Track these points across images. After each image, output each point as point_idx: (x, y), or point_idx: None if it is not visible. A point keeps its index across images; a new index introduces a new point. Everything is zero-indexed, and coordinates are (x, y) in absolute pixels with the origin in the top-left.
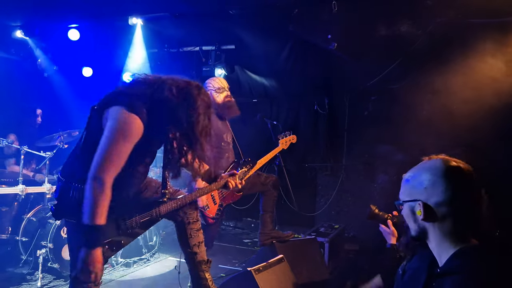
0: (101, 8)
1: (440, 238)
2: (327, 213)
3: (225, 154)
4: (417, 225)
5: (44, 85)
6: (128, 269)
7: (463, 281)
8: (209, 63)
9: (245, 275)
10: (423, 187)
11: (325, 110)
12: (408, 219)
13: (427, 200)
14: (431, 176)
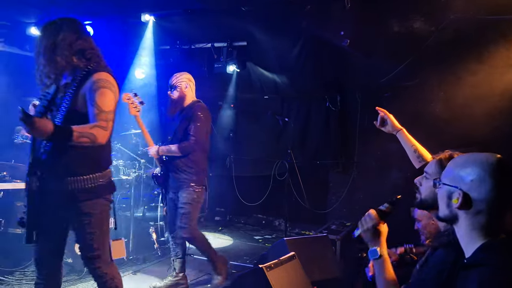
0: (114, 5)
1: (470, 228)
2: (338, 210)
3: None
4: (449, 210)
5: None
6: (140, 264)
7: (490, 274)
8: (221, 60)
9: (257, 272)
10: (469, 179)
11: (337, 107)
12: (441, 200)
13: (469, 191)
14: (481, 171)
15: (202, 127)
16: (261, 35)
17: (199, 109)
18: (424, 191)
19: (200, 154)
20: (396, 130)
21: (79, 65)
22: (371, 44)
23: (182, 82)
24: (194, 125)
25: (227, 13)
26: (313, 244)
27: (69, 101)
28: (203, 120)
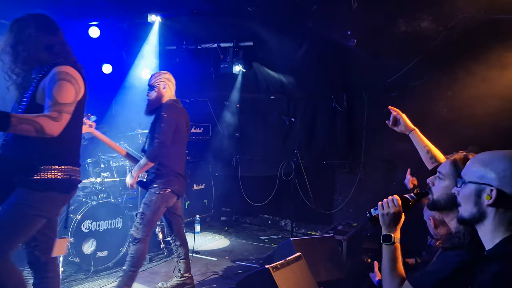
0: (121, 6)
1: (498, 224)
2: (345, 211)
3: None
4: (477, 208)
5: None
6: (147, 264)
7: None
8: (227, 60)
9: (263, 272)
10: (500, 175)
11: (344, 107)
12: (466, 199)
13: (501, 187)
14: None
15: (167, 127)
16: (268, 35)
17: (164, 108)
18: (436, 191)
19: (167, 155)
20: (409, 130)
21: (47, 61)
22: (378, 43)
23: (161, 82)
24: (158, 127)
25: (233, 14)
26: (320, 244)
27: (30, 95)
28: (166, 120)
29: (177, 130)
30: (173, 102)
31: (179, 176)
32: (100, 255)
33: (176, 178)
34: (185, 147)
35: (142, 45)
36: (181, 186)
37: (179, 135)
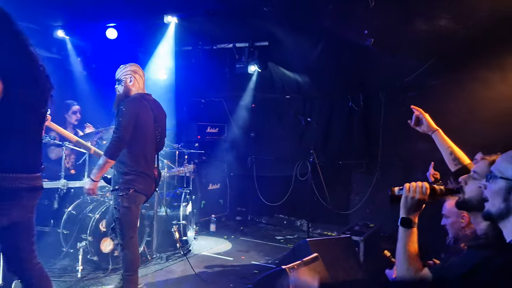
0: (138, 7)
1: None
2: (362, 211)
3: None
4: (506, 204)
5: (83, 83)
6: (163, 263)
7: None
8: (242, 60)
9: (280, 273)
10: None
11: (360, 106)
12: (494, 195)
13: None
14: None
15: (125, 122)
16: (283, 35)
17: (124, 103)
18: (469, 191)
19: (129, 153)
20: (431, 131)
21: None
22: (395, 42)
23: (127, 75)
24: (116, 121)
25: (249, 14)
26: (336, 245)
27: None
28: (124, 114)
29: (140, 126)
30: (139, 96)
31: (143, 175)
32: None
33: (140, 177)
34: (153, 145)
35: (158, 46)
36: (147, 186)
37: (142, 131)
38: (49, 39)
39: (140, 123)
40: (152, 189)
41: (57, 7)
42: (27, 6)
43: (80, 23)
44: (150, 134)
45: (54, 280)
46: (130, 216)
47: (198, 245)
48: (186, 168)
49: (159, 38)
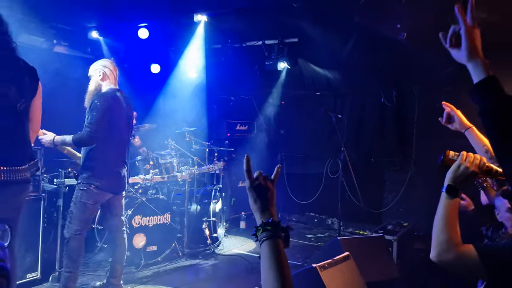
0: (169, 7)
1: None
2: (395, 210)
3: None
4: None
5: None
6: (194, 260)
7: None
8: (272, 57)
9: (310, 271)
10: None
11: (393, 102)
12: None
13: None
14: None
15: (100, 117)
16: (313, 31)
17: (97, 97)
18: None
19: (100, 148)
20: (464, 128)
21: None
22: (430, 36)
23: (96, 71)
24: (90, 115)
25: (278, 10)
26: (369, 244)
27: None
28: (99, 109)
29: (113, 122)
30: (112, 91)
31: (110, 172)
32: (150, 250)
33: (106, 173)
34: (125, 141)
35: (189, 45)
36: (112, 182)
37: (114, 127)
38: (84, 40)
39: (114, 119)
40: (121, 186)
41: (92, 9)
42: (64, 9)
43: (114, 24)
44: (122, 130)
45: (89, 274)
46: (85, 213)
47: (228, 242)
48: (216, 166)
49: (189, 37)
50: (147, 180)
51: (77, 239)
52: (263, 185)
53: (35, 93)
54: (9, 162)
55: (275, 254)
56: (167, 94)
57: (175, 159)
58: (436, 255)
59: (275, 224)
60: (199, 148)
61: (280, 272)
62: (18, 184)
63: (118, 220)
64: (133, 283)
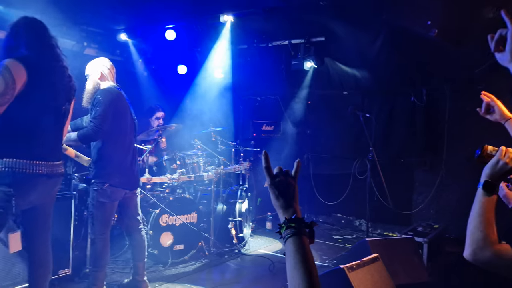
0: (196, 8)
1: None
2: (425, 211)
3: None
4: None
5: (144, 84)
6: (220, 259)
7: None
8: (298, 56)
9: (337, 272)
10: None
11: (423, 101)
12: None
13: None
14: None
15: (104, 111)
16: (340, 29)
17: (99, 92)
18: None
19: (107, 143)
20: (505, 119)
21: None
22: (462, 32)
23: (93, 70)
24: (94, 110)
25: (304, 9)
26: (398, 246)
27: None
28: (102, 103)
29: (117, 117)
30: (113, 87)
31: (122, 168)
32: (176, 248)
33: (118, 170)
34: (131, 136)
35: (215, 46)
36: (125, 179)
37: (119, 122)
38: (113, 42)
39: (118, 114)
40: (135, 182)
41: (121, 11)
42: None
43: (141, 26)
44: (128, 125)
45: (117, 272)
46: (105, 213)
47: (254, 242)
48: (242, 166)
49: (215, 38)
50: (174, 179)
51: (102, 239)
52: (284, 181)
53: (71, 102)
54: (51, 157)
55: (300, 251)
56: (194, 94)
57: (202, 159)
58: (471, 253)
59: (299, 220)
60: (225, 148)
61: (306, 269)
62: (54, 177)
63: (134, 220)
64: (161, 281)
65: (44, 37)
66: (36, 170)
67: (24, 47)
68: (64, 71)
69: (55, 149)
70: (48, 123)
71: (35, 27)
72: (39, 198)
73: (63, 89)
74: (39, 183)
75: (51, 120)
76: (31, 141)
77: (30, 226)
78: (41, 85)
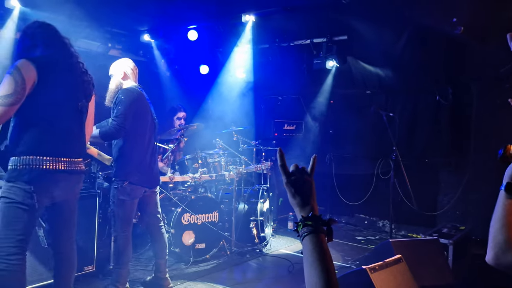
0: (217, 8)
1: None
2: (451, 213)
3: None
4: None
5: (167, 84)
6: (241, 258)
7: None
8: (320, 55)
9: (360, 273)
10: None
11: (449, 100)
12: None
13: None
14: None
15: (126, 110)
16: (363, 27)
17: (121, 91)
18: None
19: (128, 142)
20: None
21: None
22: (489, 29)
23: (116, 70)
24: (116, 108)
25: (326, 7)
26: (422, 247)
27: None
28: (124, 102)
29: (138, 116)
30: (135, 86)
31: (142, 166)
32: (198, 247)
33: (137, 168)
34: (151, 135)
35: (236, 45)
36: (145, 177)
37: (140, 121)
38: (136, 43)
39: (139, 113)
40: (155, 180)
41: (144, 12)
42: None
43: (164, 27)
44: (149, 125)
45: (140, 269)
46: (126, 211)
47: (276, 242)
48: (263, 165)
49: (237, 38)
50: (196, 178)
51: (124, 237)
52: (300, 179)
53: (90, 98)
54: (69, 154)
55: (317, 249)
56: (216, 94)
57: (223, 158)
58: (494, 257)
59: (316, 218)
60: (247, 147)
61: (323, 267)
62: (75, 174)
63: (154, 218)
64: (182, 279)
65: (58, 36)
66: (54, 166)
67: (42, 46)
68: (80, 67)
69: (73, 146)
70: (63, 120)
71: (49, 28)
72: (61, 195)
73: (78, 85)
74: (59, 180)
75: (67, 117)
76: (46, 138)
77: (54, 223)
78: (54, 83)
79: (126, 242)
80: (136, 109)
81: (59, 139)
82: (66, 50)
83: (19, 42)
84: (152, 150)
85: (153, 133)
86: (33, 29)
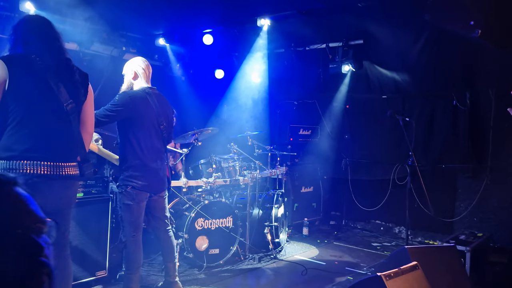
0: (233, 12)
1: None
2: (468, 219)
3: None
4: None
5: (183, 88)
6: (256, 264)
7: None
8: (336, 60)
9: (374, 280)
10: None
11: (466, 105)
12: None
13: None
14: None
15: (111, 108)
16: (379, 31)
17: (121, 93)
18: None
19: (129, 147)
20: None
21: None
22: (508, 33)
23: (128, 70)
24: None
25: (342, 11)
26: (439, 254)
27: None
28: (115, 102)
29: (138, 119)
30: (140, 90)
31: (145, 172)
32: (212, 253)
33: (141, 173)
34: (159, 139)
35: (252, 49)
36: (148, 182)
37: (142, 125)
38: (151, 47)
39: (138, 118)
40: (160, 186)
41: (160, 17)
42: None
43: (179, 31)
44: (152, 128)
45: (153, 275)
46: (132, 215)
47: (291, 248)
48: (278, 170)
49: (252, 42)
50: (210, 183)
51: (133, 242)
52: None
53: (85, 97)
54: (53, 158)
55: None
56: (231, 98)
57: (238, 163)
58: None
59: None
60: (262, 152)
61: None
62: (61, 179)
63: (161, 222)
64: (195, 284)
65: (43, 31)
66: (32, 170)
67: (21, 43)
68: (68, 65)
69: (57, 149)
70: (42, 121)
71: (33, 21)
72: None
73: (65, 84)
74: (38, 184)
75: (47, 118)
76: (22, 140)
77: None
78: (28, 82)
79: (135, 246)
80: (133, 114)
81: (38, 141)
82: (50, 47)
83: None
84: (158, 155)
85: (161, 138)
86: (17, 25)
